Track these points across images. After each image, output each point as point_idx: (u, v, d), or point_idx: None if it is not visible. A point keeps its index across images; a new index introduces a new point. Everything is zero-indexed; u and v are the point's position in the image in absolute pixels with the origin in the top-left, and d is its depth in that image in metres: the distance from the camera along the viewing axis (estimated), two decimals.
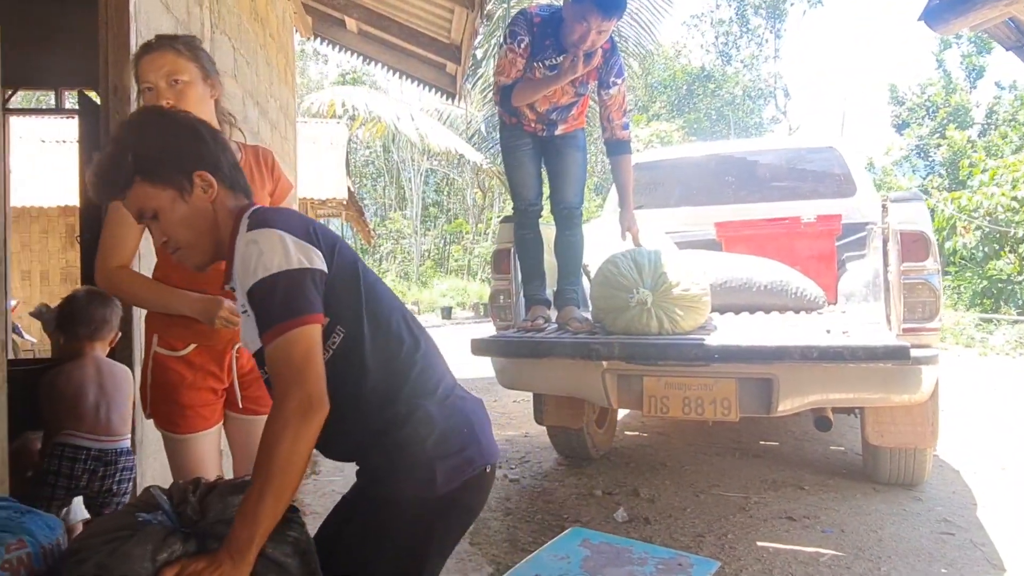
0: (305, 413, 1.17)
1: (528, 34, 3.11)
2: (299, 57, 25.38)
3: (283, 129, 5.56)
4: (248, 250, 1.24)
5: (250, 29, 4.45)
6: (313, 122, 12.44)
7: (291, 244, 1.24)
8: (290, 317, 1.20)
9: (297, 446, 1.17)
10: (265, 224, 1.27)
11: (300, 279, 1.23)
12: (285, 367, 1.19)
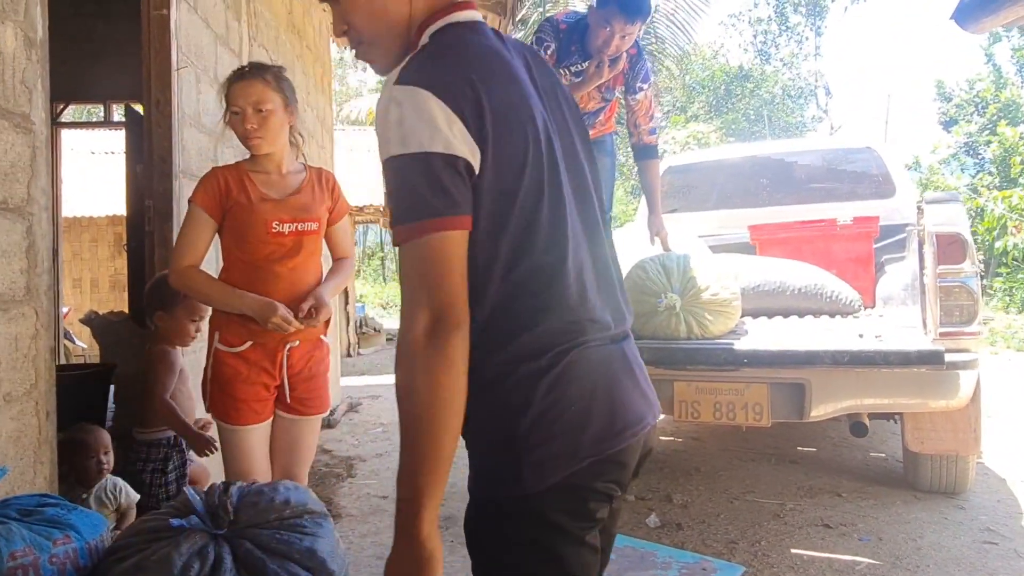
0: (438, 333, 0.90)
1: (554, 40, 3.14)
2: (339, 65, 25.82)
3: (320, 138, 5.68)
4: (388, 110, 0.95)
5: (287, 41, 4.56)
6: (351, 130, 12.63)
7: (441, 117, 0.92)
8: (421, 217, 0.92)
9: (437, 375, 0.90)
10: (421, 78, 0.95)
11: (441, 167, 0.92)
12: (413, 276, 0.93)
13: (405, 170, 0.93)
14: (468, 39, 1.02)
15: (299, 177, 2.21)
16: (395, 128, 0.93)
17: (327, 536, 1.30)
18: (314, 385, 2.22)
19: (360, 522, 3.28)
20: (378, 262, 27.26)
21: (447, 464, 0.92)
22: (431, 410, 0.90)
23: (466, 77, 0.95)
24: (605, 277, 1.07)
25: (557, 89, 1.11)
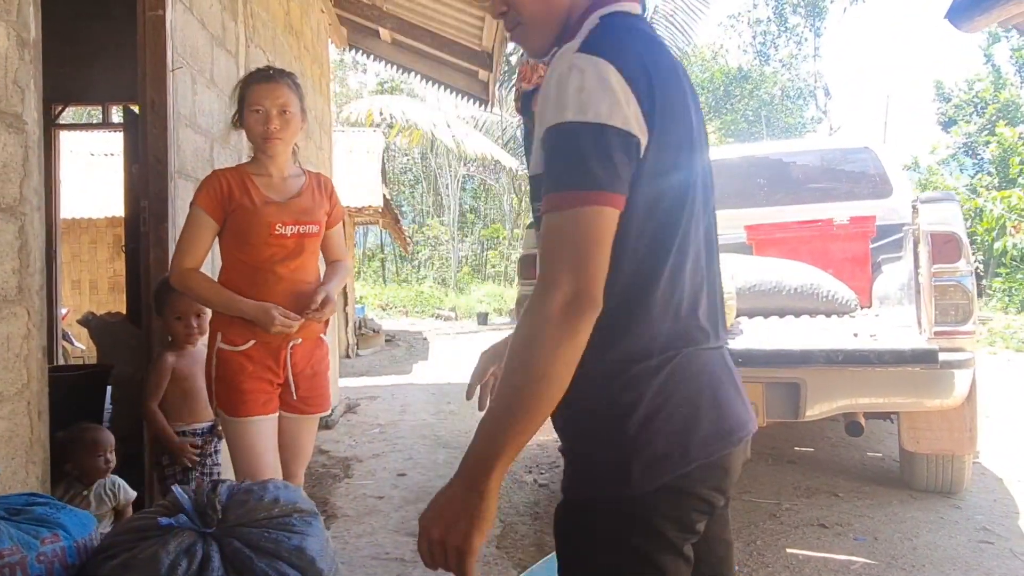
0: (573, 310, 0.89)
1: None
2: (339, 67, 25.84)
3: (318, 139, 5.68)
4: (567, 76, 0.93)
5: (284, 42, 4.56)
6: (350, 131, 12.65)
7: (622, 92, 0.91)
8: (582, 188, 0.90)
9: (560, 351, 0.89)
10: (604, 50, 0.94)
11: (616, 142, 0.91)
12: (560, 246, 0.91)
13: (577, 137, 0.91)
14: (640, 27, 1.03)
15: (299, 181, 2.24)
16: (574, 94, 0.92)
17: (316, 535, 1.30)
18: (317, 383, 2.24)
19: (356, 522, 3.28)
20: (378, 264, 27.27)
21: (532, 434, 0.93)
22: (542, 383, 0.89)
23: (643, 62, 0.95)
24: (713, 288, 1.08)
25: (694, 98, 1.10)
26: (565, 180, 0.92)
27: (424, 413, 5.99)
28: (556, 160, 0.93)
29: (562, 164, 0.92)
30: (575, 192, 0.91)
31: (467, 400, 1.37)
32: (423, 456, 4.49)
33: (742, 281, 3.53)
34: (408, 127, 15.70)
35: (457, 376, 8.31)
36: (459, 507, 0.92)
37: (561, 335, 0.89)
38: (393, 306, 21.09)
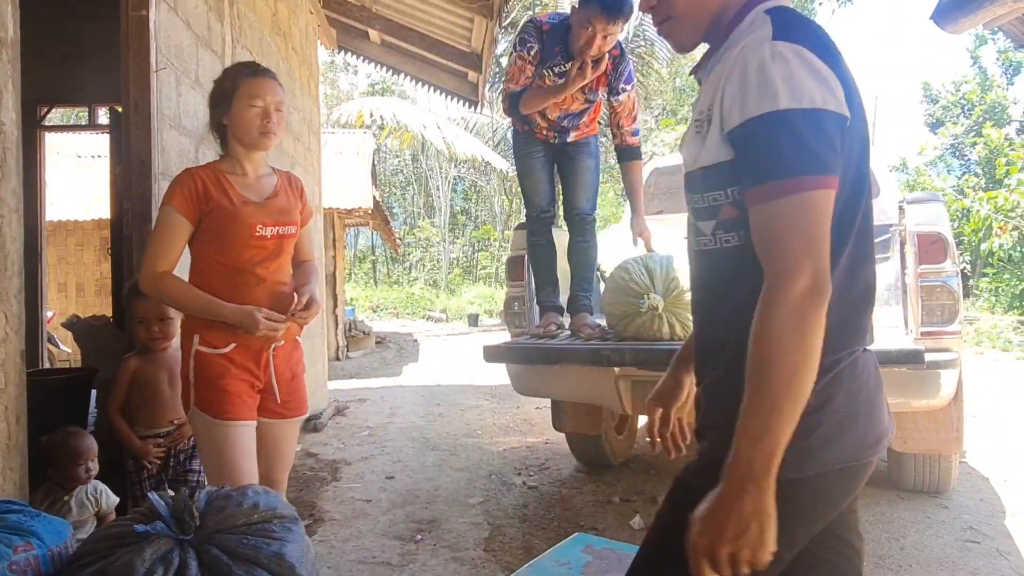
0: (816, 296, 0.91)
1: (538, 41, 3.13)
2: (330, 69, 25.75)
3: (307, 140, 5.66)
4: (770, 65, 0.94)
5: (272, 43, 4.54)
6: (340, 132, 12.61)
7: (830, 77, 0.95)
8: (810, 172, 0.92)
9: (811, 339, 0.91)
10: (802, 38, 0.96)
11: (831, 126, 0.94)
12: (796, 235, 0.92)
13: (794, 124, 0.92)
14: (809, 19, 1.04)
15: (272, 180, 2.18)
16: (784, 82, 0.93)
17: (297, 541, 1.28)
18: (296, 386, 2.19)
19: (343, 526, 3.26)
20: (369, 265, 27.21)
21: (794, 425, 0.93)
22: (800, 373, 0.91)
23: (832, 48, 0.98)
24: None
25: None
26: (788, 166, 0.92)
27: (413, 416, 5.97)
28: (772, 148, 0.94)
29: (781, 152, 0.93)
30: (802, 177, 0.92)
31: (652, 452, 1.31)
32: (411, 459, 4.47)
33: None
34: (399, 129, 15.68)
35: (447, 378, 8.29)
36: (746, 512, 0.91)
37: (809, 322, 0.91)
38: (384, 308, 21.05)
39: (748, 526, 0.91)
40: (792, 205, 0.92)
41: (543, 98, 3.15)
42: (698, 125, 1.05)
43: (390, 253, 25.70)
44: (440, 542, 3.06)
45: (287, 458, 2.24)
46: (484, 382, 7.53)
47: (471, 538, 3.10)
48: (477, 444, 4.88)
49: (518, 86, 3.19)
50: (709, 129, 1.03)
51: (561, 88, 3.09)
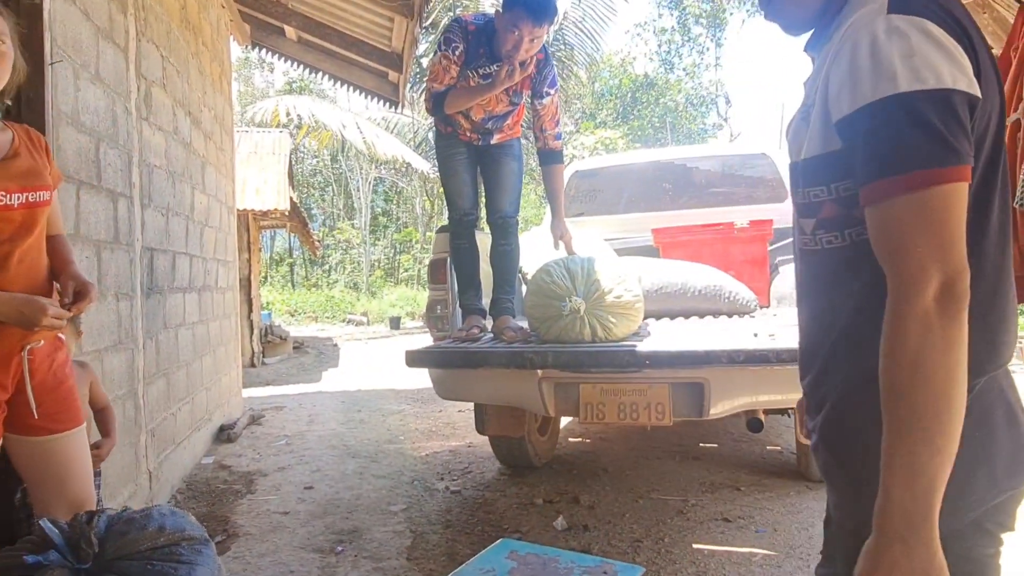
0: (951, 300, 0.79)
1: (463, 42, 3.11)
2: (244, 65, 24.92)
3: (219, 139, 5.45)
4: (886, 41, 0.82)
5: (180, 37, 4.34)
6: (255, 131, 12.21)
7: (958, 53, 0.82)
8: (939, 164, 0.79)
9: (955, 353, 0.78)
10: (922, 9, 0.84)
11: (963, 108, 0.81)
12: (925, 237, 0.79)
13: (920, 108, 0.80)
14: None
15: (5, 136, 1.74)
16: (902, 60, 0.81)
17: (207, 564, 1.21)
18: (63, 394, 1.81)
19: (259, 541, 3.14)
20: (286, 268, 26.47)
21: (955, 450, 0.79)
22: (950, 390, 0.77)
23: (960, 18, 0.86)
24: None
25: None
26: (913, 158, 0.80)
27: (333, 422, 5.83)
28: (893, 137, 0.81)
29: (905, 140, 0.81)
30: (930, 170, 0.80)
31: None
32: (331, 467, 4.36)
33: (649, 283, 3.61)
34: (317, 128, 15.31)
35: (368, 383, 8.14)
36: (910, 570, 0.78)
37: (950, 332, 0.78)
38: (302, 312, 20.52)
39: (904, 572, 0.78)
40: (918, 203, 0.80)
41: (468, 98, 3.14)
42: (804, 111, 0.94)
43: (308, 255, 25.08)
44: (361, 552, 2.99)
45: (84, 471, 1.83)
46: (406, 386, 7.43)
47: (393, 547, 3.04)
48: (399, 450, 4.81)
49: (442, 86, 3.16)
50: (813, 115, 0.92)
51: (487, 88, 3.08)
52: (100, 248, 2.93)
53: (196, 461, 4.44)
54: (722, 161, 5.20)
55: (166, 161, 3.93)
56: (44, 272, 1.76)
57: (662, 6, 29.63)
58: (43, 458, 1.73)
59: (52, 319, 1.60)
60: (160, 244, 3.77)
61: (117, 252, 3.12)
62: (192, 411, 4.39)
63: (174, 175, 4.08)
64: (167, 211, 3.92)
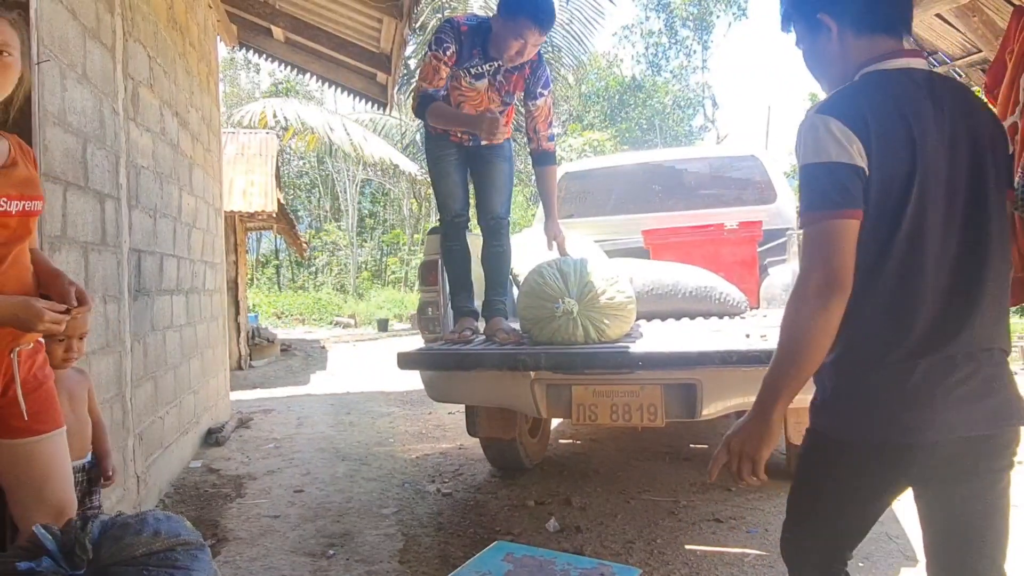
0: (822, 295, 1.24)
1: (455, 43, 3.09)
2: (229, 66, 24.77)
3: (206, 140, 5.40)
4: (808, 130, 1.29)
5: (167, 37, 4.31)
6: (242, 132, 12.13)
7: (845, 140, 1.24)
8: (819, 209, 1.26)
9: (813, 322, 1.24)
10: (832, 109, 1.28)
11: (842, 174, 1.24)
12: (812, 250, 1.27)
13: (815, 174, 1.27)
14: (887, 81, 1.32)
15: (3, 144, 1.76)
16: (812, 144, 1.27)
17: (203, 569, 1.20)
18: (44, 395, 1.80)
19: (249, 545, 3.12)
20: (272, 270, 26.33)
21: (804, 382, 1.31)
22: (805, 344, 1.27)
23: (862, 110, 1.26)
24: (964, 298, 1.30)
25: (982, 149, 1.31)
26: (812, 205, 1.28)
27: (322, 425, 5.80)
28: (805, 191, 1.29)
29: (810, 194, 1.28)
30: (819, 212, 1.26)
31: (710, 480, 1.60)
32: (321, 470, 4.34)
33: (640, 285, 3.61)
34: (304, 130, 15.23)
35: (357, 386, 8.11)
36: (754, 431, 1.34)
37: (815, 311, 1.25)
38: (289, 314, 20.40)
39: (752, 439, 1.34)
40: (811, 231, 1.28)
41: (447, 121, 3.15)
42: None
43: (295, 257, 24.96)
44: (353, 556, 2.97)
45: (66, 475, 1.85)
46: (395, 388, 7.41)
47: (385, 550, 3.03)
48: (390, 452, 4.79)
49: (432, 86, 3.14)
50: None
51: (466, 123, 3.12)
52: (87, 250, 2.90)
53: (184, 465, 4.40)
54: (711, 163, 5.22)
55: (153, 162, 3.90)
56: (31, 277, 1.76)
57: (649, 8, 29.79)
58: (25, 460, 1.72)
59: (49, 323, 1.61)
60: (147, 246, 3.74)
61: (104, 254, 3.09)
62: (180, 414, 4.35)
63: (161, 176, 4.05)
64: (154, 212, 3.89)
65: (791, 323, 1.27)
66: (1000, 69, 2.31)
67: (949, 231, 1.26)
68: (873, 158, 1.24)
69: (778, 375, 1.30)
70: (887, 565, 2.76)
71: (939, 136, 1.27)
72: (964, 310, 1.26)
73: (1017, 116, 2.14)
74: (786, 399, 1.30)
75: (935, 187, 1.25)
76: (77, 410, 2.16)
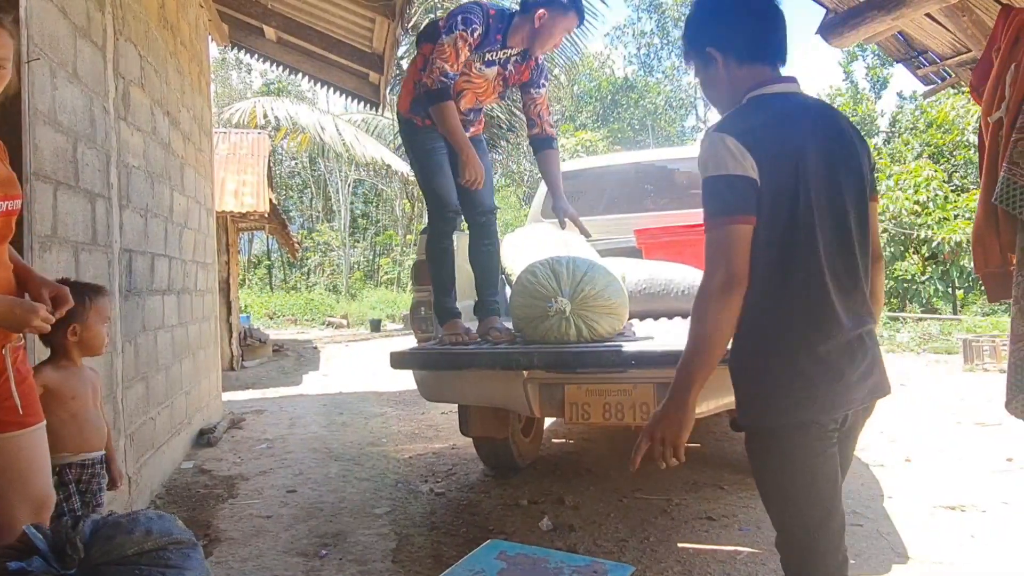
0: (724, 291, 1.41)
1: (482, 24, 3.10)
2: (221, 66, 24.69)
3: (198, 140, 5.39)
4: (708, 147, 1.47)
5: (159, 36, 4.29)
6: (234, 132, 12.09)
7: (739, 154, 1.42)
8: (719, 215, 1.44)
9: (719, 315, 1.42)
10: (726, 128, 1.47)
11: (738, 184, 1.42)
12: (714, 252, 1.44)
13: (714, 185, 1.45)
14: (769, 103, 1.53)
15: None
16: (712, 159, 1.45)
17: (196, 568, 1.19)
18: (26, 390, 1.80)
19: (241, 545, 3.11)
20: (264, 270, 26.26)
21: (713, 368, 1.45)
22: (711, 334, 1.44)
23: (753, 127, 1.46)
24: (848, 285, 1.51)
25: (851, 164, 1.54)
26: (713, 212, 1.45)
27: (315, 426, 5.79)
28: (708, 200, 1.46)
29: (711, 203, 1.45)
30: (719, 218, 1.44)
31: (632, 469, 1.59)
32: (314, 471, 4.33)
33: (633, 284, 3.62)
34: (295, 130, 15.19)
35: (350, 386, 8.10)
36: (673, 418, 1.46)
37: (718, 305, 1.43)
38: (281, 314, 20.35)
39: (671, 425, 1.46)
40: (712, 235, 1.45)
41: (445, 129, 3.09)
42: None
43: (286, 258, 24.90)
44: (346, 556, 2.97)
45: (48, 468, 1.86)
46: (388, 389, 7.40)
47: (378, 550, 3.02)
48: (382, 452, 4.78)
49: (452, 69, 3.05)
50: None
51: (462, 148, 3.09)
52: (78, 249, 2.88)
53: (176, 466, 4.38)
54: None
55: (145, 162, 3.88)
56: (11, 275, 1.76)
57: (641, 9, 29.83)
58: (8, 454, 1.73)
59: (41, 321, 1.62)
60: (139, 246, 3.72)
61: (95, 254, 3.07)
62: (172, 415, 4.33)
63: (153, 176, 4.03)
64: (146, 212, 3.87)
65: (700, 318, 1.44)
66: (986, 67, 2.33)
67: (833, 233, 1.48)
68: (763, 170, 1.42)
69: (691, 365, 1.45)
70: (878, 562, 2.78)
71: (816, 151, 1.47)
72: (852, 299, 1.49)
73: (1003, 112, 2.16)
74: (699, 385, 1.45)
75: (817, 195, 1.45)
76: (96, 404, 2.17)
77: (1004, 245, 2.21)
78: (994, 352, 8.12)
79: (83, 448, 2.10)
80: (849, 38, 3.66)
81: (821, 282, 1.44)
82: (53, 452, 2.00)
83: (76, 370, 2.13)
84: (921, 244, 13.36)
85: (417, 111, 3.25)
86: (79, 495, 2.09)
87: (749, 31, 1.57)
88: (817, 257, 1.44)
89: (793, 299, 1.44)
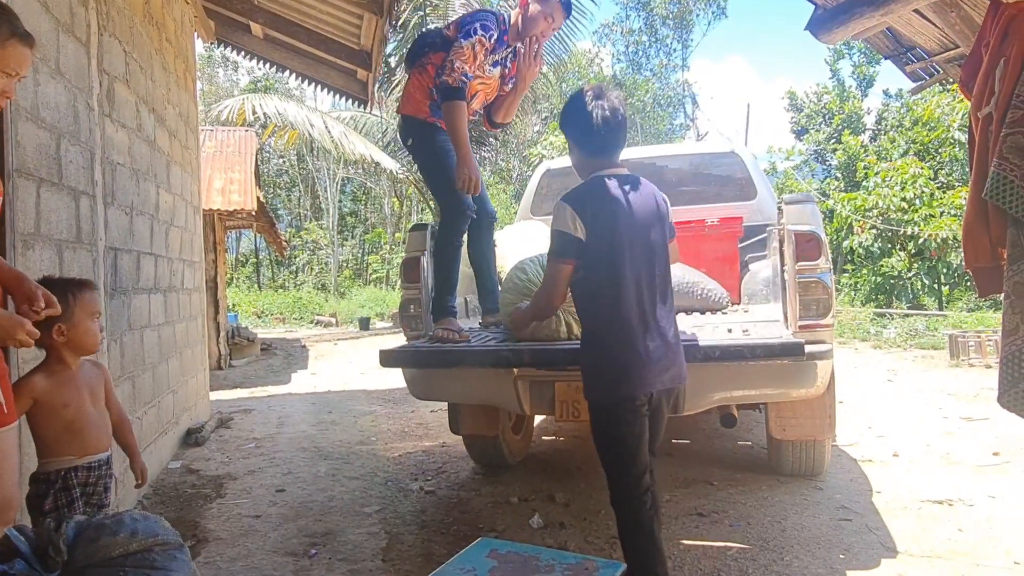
0: (544, 310, 2.44)
1: (497, 30, 3.22)
2: (207, 63, 24.50)
3: (184, 137, 5.34)
4: (557, 210, 2.19)
5: (144, 32, 4.24)
6: (220, 130, 12.00)
7: (572, 218, 2.13)
8: (554, 258, 2.22)
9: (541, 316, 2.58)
10: (570, 199, 2.18)
11: (570, 239, 2.15)
12: (546, 283, 2.31)
13: (558, 237, 2.17)
14: (600, 183, 2.20)
15: None
16: (557, 218, 2.18)
17: (181, 569, 1.17)
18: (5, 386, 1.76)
19: (230, 545, 3.08)
20: (251, 269, 26.10)
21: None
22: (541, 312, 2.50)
23: (584, 199, 2.18)
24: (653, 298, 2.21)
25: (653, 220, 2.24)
26: (552, 254, 2.23)
27: (304, 424, 5.75)
28: (551, 244, 2.22)
29: (553, 248, 2.22)
30: (554, 260, 2.23)
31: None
32: (303, 470, 4.30)
33: None
34: (283, 127, 15.09)
35: (338, 384, 8.06)
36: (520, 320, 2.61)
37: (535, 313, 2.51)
38: (269, 313, 20.23)
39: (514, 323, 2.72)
40: (548, 271, 2.27)
41: (453, 132, 3.13)
42: None
43: (274, 256, 24.76)
44: (336, 555, 2.95)
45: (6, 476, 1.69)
46: (377, 387, 7.37)
47: (368, 549, 3.00)
48: (372, 451, 4.76)
49: (471, 70, 3.16)
50: None
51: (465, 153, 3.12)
52: (62, 248, 2.85)
53: (163, 466, 4.35)
54: (692, 160, 5.24)
55: (130, 159, 3.84)
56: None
57: (629, 7, 29.85)
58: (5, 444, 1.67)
59: (25, 336, 1.60)
60: (124, 244, 3.68)
61: (79, 252, 3.03)
62: (159, 414, 4.29)
63: (138, 173, 3.99)
64: (131, 210, 3.83)
65: (533, 310, 2.48)
66: (976, 62, 2.34)
67: (643, 267, 2.15)
68: (589, 228, 2.13)
69: (528, 316, 2.58)
70: (867, 556, 2.79)
71: (630, 213, 2.16)
72: (657, 312, 2.16)
73: (992, 107, 2.17)
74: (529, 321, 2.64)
75: (630, 244, 2.13)
76: (96, 404, 2.09)
77: (994, 240, 2.22)
78: (980, 347, 8.19)
79: (87, 451, 2.02)
80: (838, 34, 3.67)
81: (628, 302, 2.10)
82: (55, 457, 1.97)
83: (69, 375, 2.03)
84: (907, 241, 13.45)
85: (438, 114, 3.25)
86: (85, 497, 1.99)
87: (593, 137, 2.23)
88: (625, 284, 2.10)
89: (612, 314, 2.11)
